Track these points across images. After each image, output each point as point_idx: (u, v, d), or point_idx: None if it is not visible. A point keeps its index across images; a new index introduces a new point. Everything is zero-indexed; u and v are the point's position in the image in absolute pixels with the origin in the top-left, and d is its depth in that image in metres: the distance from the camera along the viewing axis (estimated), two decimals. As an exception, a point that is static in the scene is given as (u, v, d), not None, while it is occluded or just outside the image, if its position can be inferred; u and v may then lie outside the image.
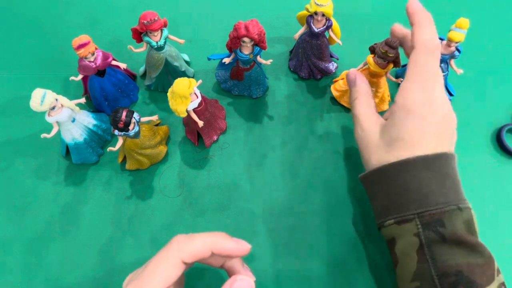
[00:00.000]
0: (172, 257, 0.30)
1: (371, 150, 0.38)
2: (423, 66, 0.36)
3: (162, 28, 0.47)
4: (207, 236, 0.32)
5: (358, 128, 0.40)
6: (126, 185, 0.47)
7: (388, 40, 0.42)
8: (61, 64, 0.56)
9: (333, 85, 0.52)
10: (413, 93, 0.36)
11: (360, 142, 0.40)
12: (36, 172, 0.48)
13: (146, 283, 0.29)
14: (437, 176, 0.34)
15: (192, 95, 0.42)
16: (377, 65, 0.45)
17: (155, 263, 0.30)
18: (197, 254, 0.31)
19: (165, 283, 0.30)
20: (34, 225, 0.44)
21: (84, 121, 0.47)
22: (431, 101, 0.35)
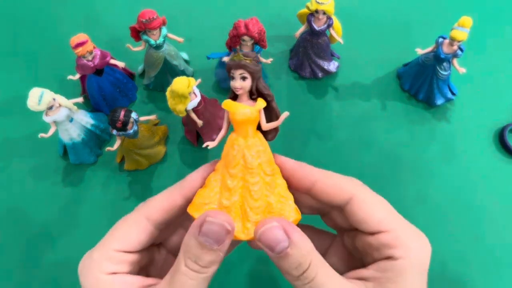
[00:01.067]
0: (133, 216, 0.26)
1: None
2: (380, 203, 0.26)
3: (160, 27, 0.46)
4: (175, 185, 0.27)
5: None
6: (125, 185, 0.46)
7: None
8: (59, 63, 0.55)
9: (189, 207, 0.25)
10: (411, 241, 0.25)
11: None
12: (34, 172, 0.47)
13: (103, 242, 0.25)
14: None
15: (191, 94, 0.41)
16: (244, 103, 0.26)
17: (117, 225, 0.26)
18: (162, 206, 0.25)
19: (124, 243, 0.25)
20: (31, 226, 0.44)
21: (82, 120, 0.46)
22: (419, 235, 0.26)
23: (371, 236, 0.25)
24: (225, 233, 0.23)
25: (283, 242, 0.22)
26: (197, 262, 0.22)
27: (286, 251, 0.22)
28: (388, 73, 0.55)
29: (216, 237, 0.22)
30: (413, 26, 0.60)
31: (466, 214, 0.44)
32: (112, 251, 0.24)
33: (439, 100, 0.51)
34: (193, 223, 0.23)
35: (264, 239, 0.23)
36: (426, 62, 0.49)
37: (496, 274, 0.41)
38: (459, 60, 0.47)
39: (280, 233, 0.23)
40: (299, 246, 0.22)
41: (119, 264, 0.25)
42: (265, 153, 0.26)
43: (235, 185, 0.25)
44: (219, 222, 0.22)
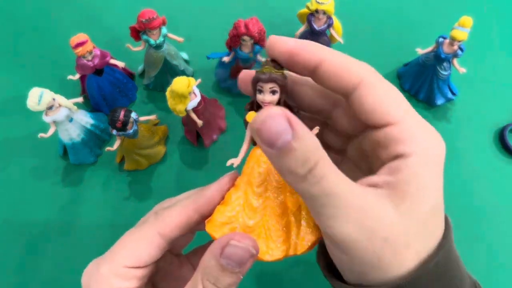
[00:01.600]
0: (146, 230, 0.24)
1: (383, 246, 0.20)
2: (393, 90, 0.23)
3: (160, 27, 0.46)
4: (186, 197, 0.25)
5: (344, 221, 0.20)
6: (125, 185, 0.46)
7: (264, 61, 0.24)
8: (59, 63, 0.55)
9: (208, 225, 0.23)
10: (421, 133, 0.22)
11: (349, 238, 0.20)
12: (33, 172, 0.47)
13: (112, 257, 0.23)
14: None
15: (191, 94, 0.41)
16: None
17: (127, 237, 0.24)
18: (177, 223, 0.24)
19: (133, 260, 0.23)
20: (31, 226, 0.44)
21: (81, 120, 0.46)
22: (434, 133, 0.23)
23: (378, 131, 0.21)
24: (249, 256, 0.22)
25: (285, 134, 0.18)
26: (216, 284, 0.21)
27: (290, 145, 0.18)
28: (388, 73, 0.55)
29: (240, 261, 0.21)
30: (414, 25, 0.60)
31: (466, 214, 0.44)
32: (122, 267, 0.23)
33: (439, 100, 0.50)
34: (215, 243, 0.22)
35: (265, 131, 0.19)
36: (427, 62, 0.49)
37: (496, 274, 0.41)
38: (459, 60, 0.47)
39: (283, 123, 0.19)
40: (304, 140, 0.19)
41: (129, 280, 0.23)
42: None
43: (260, 204, 0.23)
44: (245, 246, 0.21)
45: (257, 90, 0.23)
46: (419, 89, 0.51)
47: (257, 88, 0.22)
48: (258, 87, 0.22)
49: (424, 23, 0.60)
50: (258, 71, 0.23)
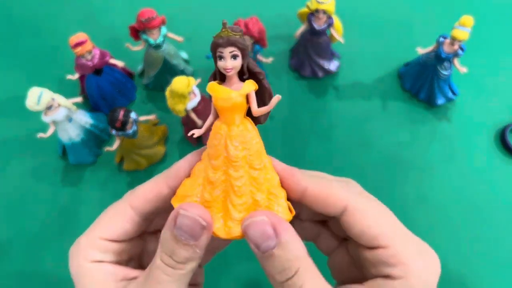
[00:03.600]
0: (118, 205, 0.25)
1: None
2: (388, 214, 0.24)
3: (160, 26, 0.46)
4: (156, 175, 0.25)
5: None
6: (124, 185, 0.46)
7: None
8: (58, 63, 0.55)
9: (172, 200, 0.23)
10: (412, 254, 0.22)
11: None
12: (33, 172, 0.47)
13: (91, 230, 0.24)
14: None
15: (191, 94, 0.41)
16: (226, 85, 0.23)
17: (105, 211, 0.25)
18: (147, 195, 0.24)
19: (111, 232, 0.24)
20: (30, 226, 0.44)
21: (81, 120, 0.46)
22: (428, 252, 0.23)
23: (368, 250, 0.22)
24: (200, 228, 0.21)
25: (269, 240, 0.20)
26: (173, 257, 0.21)
27: (272, 252, 0.20)
28: (389, 72, 0.55)
29: (191, 232, 0.21)
30: (414, 25, 0.59)
31: (467, 214, 0.44)
32: (97, 239, 0.24)
33: (440, 100, 0.50)
34: (170, 215, 0.21)
35: (250, 234, 0.20)
36: (427, 61, 0.49)
37: (496, 274, 0.41)
38: (460, 59, 0.47)
39: (268, 229, 0.20)
40: (287, 248, 0.20)
41: (104, 253, 0.24)
42: (253, 144, 0.22)
43: (217, 178, 0.22)
44: (192, 215, 0.21)
45: (218, 57, 0.21)
46: (420, 89, 0.51)
47: (217, 55, 0.21)
48: (218, 54, 0.21)
49: (425, 22, 0.60)
50: (216, 36, 0.21)
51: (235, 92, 0.22)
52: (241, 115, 0.22)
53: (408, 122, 0.50)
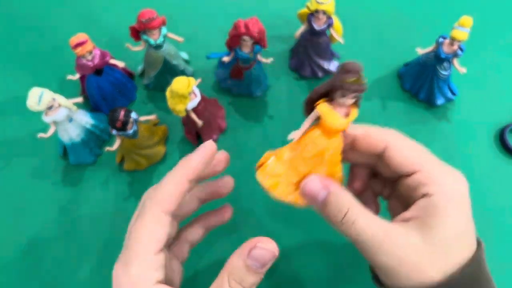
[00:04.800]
0: (151, 213, 0.26)
1: (413, 267, 0.25)
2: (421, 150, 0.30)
3: (160, 26, 0.46)
4: (173, 171, 0.28)
5: (378, 253, 0.26)
6: (124, 185, 0.46)
7: (347, 65, 0.26)
8: (59, 63, 0.55)
9: (259, 171, 0.31)
10: (444, 176, 0.28)
11: (385, 265, 0.26)
12: (33, 172, 0.47)
13: (133, 253, 0.25)
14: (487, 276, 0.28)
15: (191, 94, 0.42)
16: (338, 110, 0.28)
17: (137, 228, 0.25)
18: (175, 194, 0.26)
19: (155, 243, 0.25)
20: (31, 226, 0.44)
21: (81, 120, 0.46)
22: (454, 172, 0.29)
23: (409, 178, 0.28)
24: (272, 257, 0.25)
25: (322, 191, 0.27)
26: (241, 284, 0.24)
27: (326, 199, 0.27)
28: (388, 73, 0.55)
29: (264, 262, 0.25)
30: (414, 25, 0.60)
31: (467, 214, 0.44)
32: (150, 255, 0.25)
33: (439, 100, 0.50)
34: (243, 247, 0.25)
35: (306, 190, 0.28)
36: (427, 62, 0.49)
37: (496, 274, 0.41)
38: (460, 60, 0.47)
39: (318, 184, 0.28)
40: (336, 195, 0.27)
41: (159, 271, 0.25)
42: (337, 152, 0.29)
43: (305, 171, 0.29)
44: (271, 249, 0.25)
45: (341, 93, 0.26)
46: (419, 89, 0.51)
47: (342, 93, 0.26)
48: (344, 94, 0.26)
49: (424, 23, 0.60)
50: (350, 84, 0.26)
51: (346, 121, 0.28)
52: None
53: (408, 122, 0.50)
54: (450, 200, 0.26)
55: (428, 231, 0.25)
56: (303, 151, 0.29)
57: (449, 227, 0.25)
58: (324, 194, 0.27)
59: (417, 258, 0.25)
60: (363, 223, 0.26)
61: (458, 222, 0.26)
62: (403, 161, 0.28)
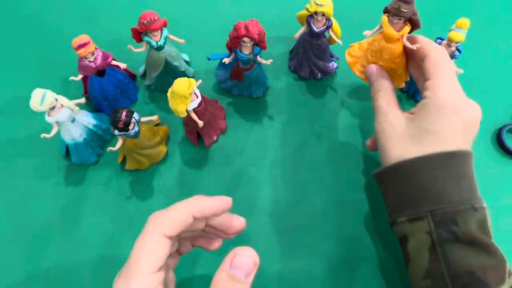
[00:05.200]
0: (152, 235, 0.28)
1: (394, 141, 0.37)
2: (445, 64, 0.37)
3: (162, 28, 0.47)
4: (184, 203, 0.29)
5: (381, 118, 0.39)
6: (126, 185, 0.47)
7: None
8: (61, 64, 0.56)
9: (348, 50, 0.47)
10: (444, 89, 0.36)
11: (382, 133, 0.38)
12: (36, 172, 0.48)
13: (134, 271, 0.26)
14: (454, 174, 0.33)
15: (192, 95, 0.42)
16: (392, 26, 0.40)
17: (138, 247, 0.27)
18: (178, 224, 0.28)
19: (155, 264, 0.27)
20: (33, 225, 0.44)
21: (83, 121, 0.46)
22: (462, 97, 0.36)
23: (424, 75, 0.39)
24: (253, 265, 0.27)
25: (373, 75, 0.44)
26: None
27: (374, 81, 0.43)
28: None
29: (246, 269, 0.26)
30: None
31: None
32: (150, 275, 0.26)
33: (436, 100, 0.51)
34: (225, 259, 0.27)
35: (367, 71, 0.45)
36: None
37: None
38: (457, 61, 0.47)
39: (374, 70, 0.44)
40: (375, 81, 0.43)
41: (159, 286, 0.27)
42: (392, 55, 0.42)
43: (371, 60, 0.44)
44: (251, 255, 0.27)
45: (395, 14, 0.40)
46: (417, 89, 0.51)
47: (395, 12, 0.39)
48: (396, 12, 0.39)
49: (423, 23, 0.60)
50: (393, 8, 0.40)
51: (395, 33, 0.41)
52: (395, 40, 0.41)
53: (406, 122, 0.51)
54: (440, 110, 0.35)
55: (412, 121, 0.36)
56: (371, 45, 0.44)
57: (425, 120, 0.36)
58: (374, 77, 0.43)
59: (398, 136, 0.37)
60: (383, 100, 0.40)
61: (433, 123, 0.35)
62: (428, 70, 0.38)
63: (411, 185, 0.34)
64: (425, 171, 0.34)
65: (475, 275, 0.30)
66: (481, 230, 0.32)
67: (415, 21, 0.40)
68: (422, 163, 0.34)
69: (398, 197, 0.36)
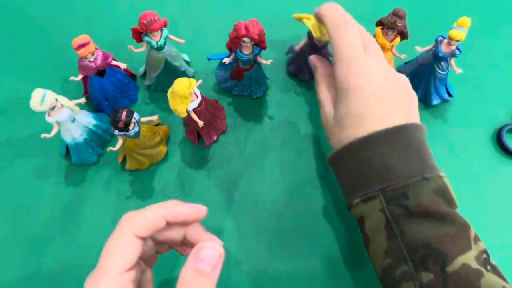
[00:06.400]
0: (124, 235, 0.27)
1: (330, 132, 0.38)
2: (340, 41, 0.37)
3: (162, 28, 0.47)
4: (158, 205, 0.29)
5: (321, 111, 0.40)
6: (126, 185, 0.47)
7: (396, 10, 0.45)
8: (61, 64, 0.56)
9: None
10: (342, 68, 0.36)
11: (323, 124, 0.40)
12: (36, 172, 0.48)
13: (103, 271, 0.26)
14: (398, 148, 0.33)
15: (192, 95, 0.42)
16: (385, 37, 0.47)
17: (108, 248, 0.27)
18: (150, 225, 0.28)
19: (124, 264, 0.26)
20: (34, 225, 0.44)
21: (84, 121, 0.46)
22: (362, 72, 0.36)
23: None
24: (218, 257, 0.26)
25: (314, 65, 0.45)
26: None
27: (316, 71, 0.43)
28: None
29: (211, 262, 0.25)
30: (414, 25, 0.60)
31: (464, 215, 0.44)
32: (118, 275, 0.26)
33: (435, 100, 0.51)
34: (190, 254, 0.26)
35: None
36: (425, 60, 0.49)
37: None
38: (456, 60, 0.47)
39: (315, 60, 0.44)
40: (319, 67, 0.43)
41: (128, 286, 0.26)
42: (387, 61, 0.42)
43: None
44: (213, 246, 0.26)
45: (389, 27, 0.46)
46: (416, 88, 0.51)
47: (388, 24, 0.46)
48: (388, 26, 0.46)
49: (424, 22, 0.60)
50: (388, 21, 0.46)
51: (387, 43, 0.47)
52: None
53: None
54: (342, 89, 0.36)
55: (336, 110, 0.38)
56: None
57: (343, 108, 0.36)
58: (314, 67, 0.44)
59: (332, 126, 0.38)
60: (322, 93, 0.41)
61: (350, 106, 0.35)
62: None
63: (357, 167, 0.34)
64: (364, 152, 0.34)
65: (431, 246, 0.29)
66: (440, 199, 0.31)
67: (405, 33, 0.47)
68: (357, 146, 0.34)
69: (349, 180, 0.36)
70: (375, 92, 0.35)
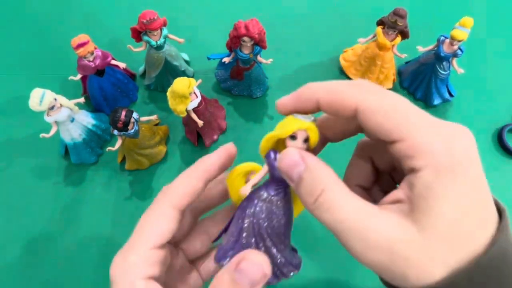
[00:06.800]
0: (159, 207, 0.25)
1: (406, 265, 0.19)
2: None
3: (161, 28, 0.47)
4: (189, 170, 0.26)
5: (353, 240, 0.21)
6: (126, 185, 0.47)
7: (396, 9, 0.46)
8: (60, 64, 0.56)
9: (343, 55, 0.52)
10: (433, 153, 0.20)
11: (371, 261, 0.21)
12: (35, 172, 0.48)
13: (133, 244, 0.24)
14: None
15: (192, 95, 0.42)
16: (386, 36, 0.47)
17: (141, 221, 0.25)
18: (186, 193, 0.25)
19: (155, 238, 0.24)
20: (33, 225, 0.44)
21: (83, 121, 0.46)
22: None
23: (391, 146, 0.21)
24: (262, 276, 0.22)
25: (299, 166, 0.22)
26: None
27: (302, 175, 0.22)
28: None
29: (251, 278, 0.21)
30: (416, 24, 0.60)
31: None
32: (148, 250, 0.24)
33: (436, 100, 0.51)
34: (232, 260, 0.22)
35: (283, 165, 0.23)
36: (427, 60, 0.49)
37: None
38: (458, 60, 0.47)
39: (297, 156, 0.23)
40: (312, 169, 0.22)
41: (154, 266, 0.24)
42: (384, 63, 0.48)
43: (364, 65, 0.51)
44: (259, 261, 0.22)
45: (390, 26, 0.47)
46: (417, 87, 0.51)
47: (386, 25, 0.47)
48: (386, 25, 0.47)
49: (427, 22, 0.60)
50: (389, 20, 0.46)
51: (388, 42, 0.47)
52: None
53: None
54: (441, 177, 0.19)
55: (422, 216, 0.19)
56: (365, 52, 0.49)
57: (445, 211, 0.19)
58: (300, 169, 0.22)
59: (412, 253, 0.19)
60: (340, 208, 0.21)
61: (454, 202, 0.19)
62: (378, 129, 0.21)
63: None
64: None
65: None
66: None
67: (405, 33, 0.47)
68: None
69: None
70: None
